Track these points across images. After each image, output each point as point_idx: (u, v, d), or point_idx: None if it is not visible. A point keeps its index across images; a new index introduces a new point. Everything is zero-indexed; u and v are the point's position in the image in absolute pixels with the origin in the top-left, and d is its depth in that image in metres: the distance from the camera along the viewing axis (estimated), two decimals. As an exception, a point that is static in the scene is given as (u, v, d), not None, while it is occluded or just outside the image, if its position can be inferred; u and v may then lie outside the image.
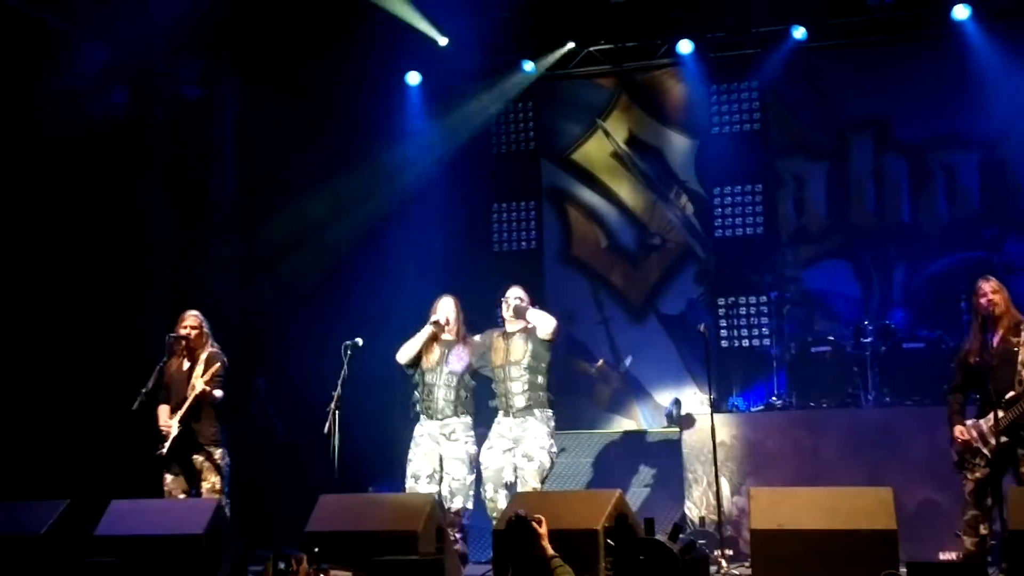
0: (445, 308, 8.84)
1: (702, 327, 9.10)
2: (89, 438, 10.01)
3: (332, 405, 8.58)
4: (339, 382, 8.70)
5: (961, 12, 11.26)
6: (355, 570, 7.25)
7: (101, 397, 9.97)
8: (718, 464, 9.26)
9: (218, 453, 8.58)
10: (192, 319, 8.79)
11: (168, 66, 11.52)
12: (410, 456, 8.68)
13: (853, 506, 7.54)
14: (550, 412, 8.51)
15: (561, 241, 13.06)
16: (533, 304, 8.63)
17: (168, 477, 8.55)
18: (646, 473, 10.65)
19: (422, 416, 8.76)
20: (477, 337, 8.80)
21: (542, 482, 8.38)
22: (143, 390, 8.61)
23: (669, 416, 11.47)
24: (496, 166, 13.22)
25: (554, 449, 8.48)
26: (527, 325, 8.54)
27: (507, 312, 8.62)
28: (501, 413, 8.59)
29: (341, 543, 7.43)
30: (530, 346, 8.49)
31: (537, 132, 13.19)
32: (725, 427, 9.83)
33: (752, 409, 10.68)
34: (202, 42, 11.45)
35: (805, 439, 9.71)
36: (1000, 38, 11.18)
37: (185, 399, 8.56)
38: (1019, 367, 7.50)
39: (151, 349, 9.14)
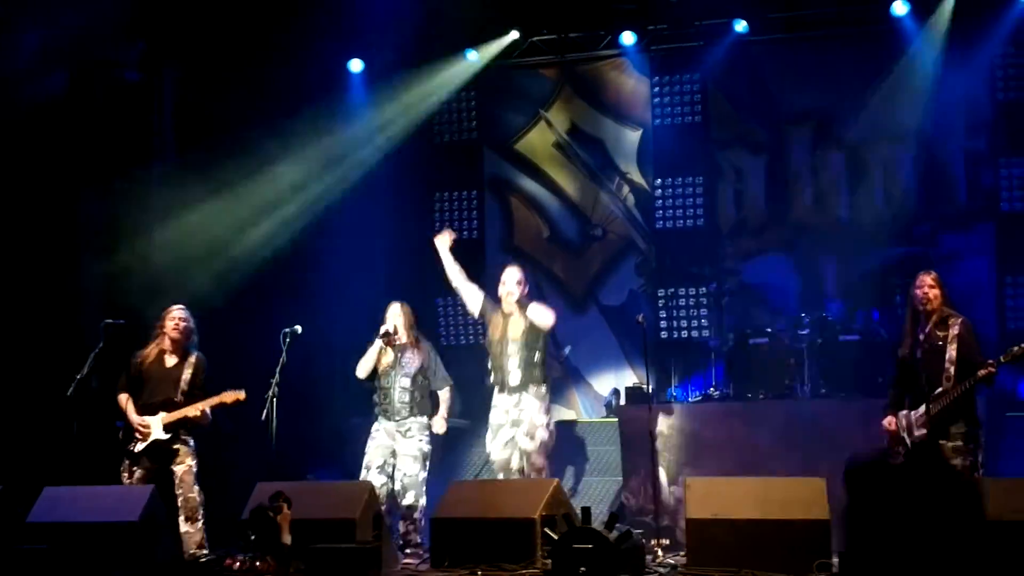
0: (392, 316, 9.16)
1: (640, 318, 9.18)
2: (22, 424, 9.90)
3: (270, 392, 8.58)
4: (277, 369, 8.70)
5: (900, 8, 11.37)
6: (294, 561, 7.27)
7: (35, 383, 9.86)
8: (656, 454, 9.33)
9: (191, 440, 8.57)
10: (180, 318, 8.70)
11: (107, 50, 11.38)
12: (366, 449, 9.00)
13: (787, 496, 7.65)
14: (544, 388, 8.80)
15: (503, 231, 13.06)
16: (525, 288, 8.90)
17: (136, 471, 8.48)
18: (583, 462, 10.68)
19: (380, 416, 9.04)
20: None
21: (548, 457, 8.71)
22: (78, 376, 8.56)
23: (608, 406, 11.53)
24: (439, 155, 13.19)
25: (551, 424, 8.80)
26: (520, 302, 8.83)
27: (506, 299, 8.85)
28: (496, 389, 8.85)
29: (276, 528, 7.43)
30: (527, 324, 8.77)
31: (480, 122, 13.17)
32: (663, 417, 9.88)
33: (690, 400, 10.76)
34: (142, 26, 11.32)
35: (742, 430, 9.79)
36: (938, 35, 11.29)
37: (169, 399, 8.51)
38: (947, 363, 7.59)
39: (86, 335, 9.08)
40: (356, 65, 12.72)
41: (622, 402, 11.09)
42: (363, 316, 11.95)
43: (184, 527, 8.45)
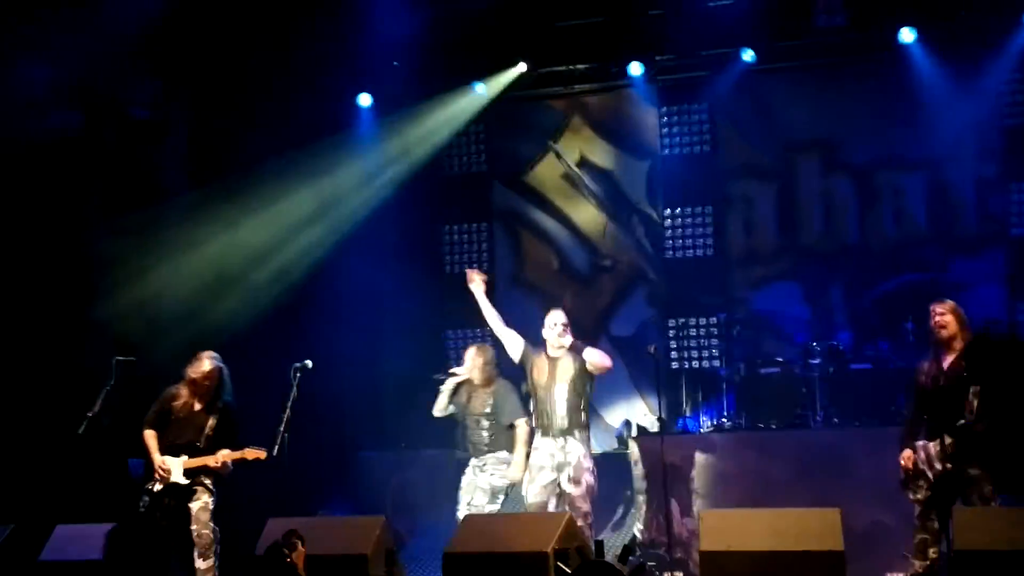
0: (467, 359, 9.27)
1: (652, 348, 9.16)
2: (33, 462, 9.89)
3: (281, 427, 8.56)
4: (288, 404, 8.68)
5: (907, 36, 11.38)
6: None
7: (45, 420, 9.86)
8: (668, 485, 9.29)
9: (208, 480, 8.55)
10: (210, 365, 8.67)
11: (118, 87, 11.44)
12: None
13: (801, 528, 7.59)
14: (588, 433, 8.71)
15: (513, 263, 13.06)
16: (567, 327, 8.75)
17: (154, 511, 8.48)
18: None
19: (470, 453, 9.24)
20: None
21: (593, 503, 8.60)
22: (89, 414, 8.56)
23: (619, 437, 11.50)
24: (448, 188, 13.21)
25: (595, 469, 8.67)
26: (574, 346, 8.70)
27: (555, 342, 8.70)
28: (540, 433, 8.71)
29: (292, 567, 7.41)
30: (576, 368, 8.64)
31: (489, 154, 13.19)
32: (675, 448, 9.84)
33: (702, 430, 10.72)
34: (153, 64, 11.38)
35: (754, 460, 9.75)
36: (945, 62, 11.30)
37: (192, 444, 8.50)
38: (970, 396, 7.50)
39: (96, 371, 9.07)
40: (365, 99, 12.76)
41: (634, 433, 11.05)
42: (374, 349, 12.01)
43: (197, 563, 8.43)
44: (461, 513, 8.79)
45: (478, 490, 8.94)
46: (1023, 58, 11.23)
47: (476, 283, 9.06)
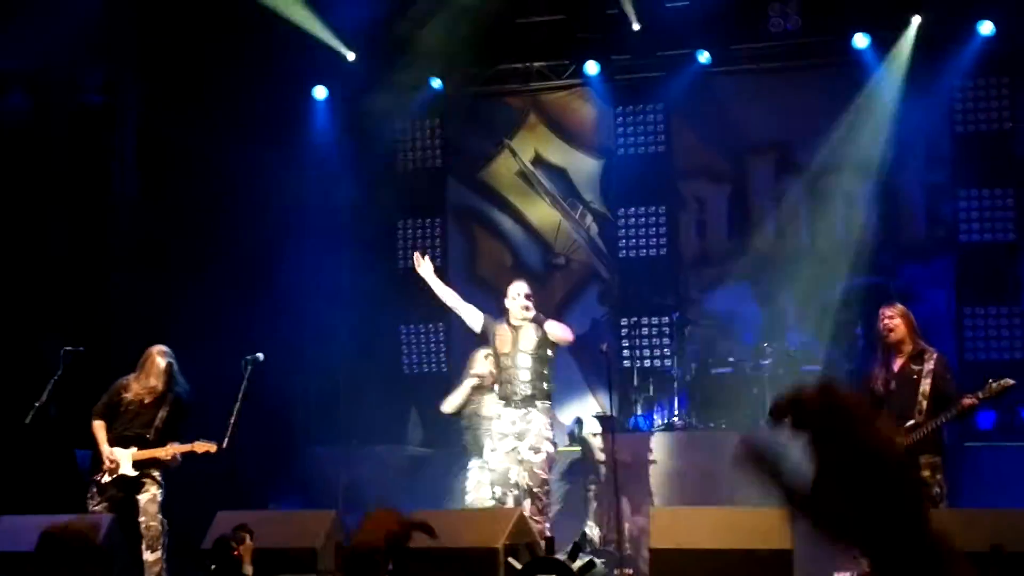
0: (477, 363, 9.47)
1: (604, 347, 9.19)
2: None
3: (231, 420, 8.52)
4: (239, 397, 8.64)
5: (861, 41, 11.49)
6: None
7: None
8: (619, 483, 9.32)
9: (157, 472, 8.48)
10: (163, 363, 8.58)
11: (70, 74, 11.33)
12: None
13: (750, 526, 7.64)
14: (550, 403, 8.79)
15: (466, 259, 13.05)
16: (531, 299, 8.86)
17: (101, 499, 8.38)
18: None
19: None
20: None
21: (550, 471, 8.71)
22: (36, 404, 8.47)
23: (571, 435, 11.51)
24: (403, 183, 13.16)
25: (556, 440, 8.80)
26: (536, 318, 8.79)
27: (519, 312, 8.78)
28: (502, 403, 8.77)
29: (237, 561, 7.37)
30: (539, 336, 8.74)
31: (444, 149, 13.16)
32: (627, 446, 9.88)
33: (653, 429, 10.77)
34: (105, 50, 11.28)
35: (705, 459, 9.80)
36: (898, 68, 11.41)
37: (141, 436, 8.41)
38: (919, 397, 7.61)
39: (48, 360, 8.97)
40: (320, 92, 12.71)
41: (585, 431, 11.07)
42: (326, 343, 11.95)
43: (145, 555, 8.37)
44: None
45: (484, 486, 8.95)
46: (974, 66, 11.35)
47: (424, 266, 9.08)
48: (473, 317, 9.01)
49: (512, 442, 8.66)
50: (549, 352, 8.78)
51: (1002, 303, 11.19)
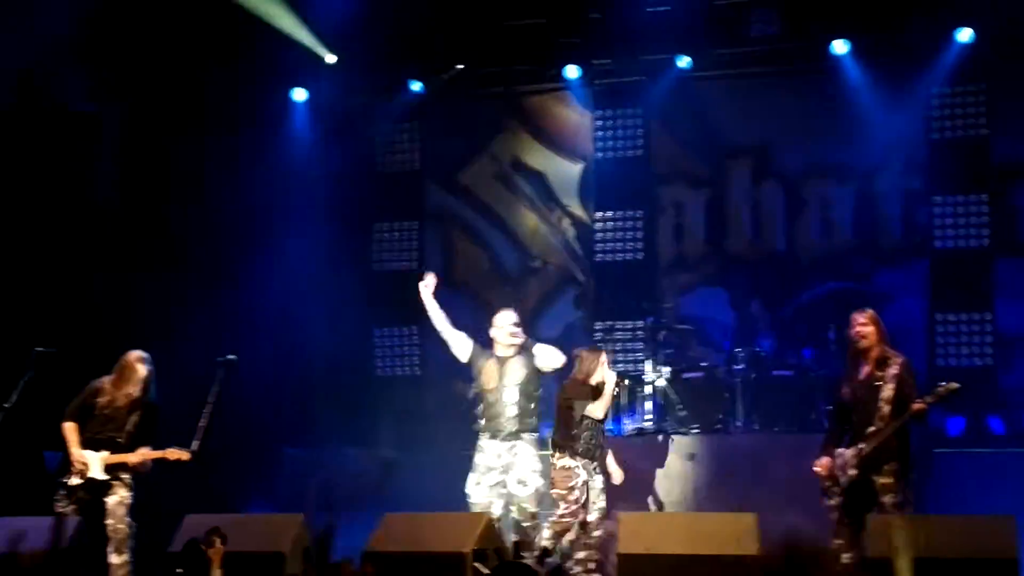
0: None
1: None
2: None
3: (203, 422, 8.48)
4: (211, 399, 8.60)
5: (840, 47, 11.50)
6: None
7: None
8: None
9: (126, 475, 8.45)
10: (143, 371, 8.54)
11: (52, 77, 11.31)
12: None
13: (718, 531, 7.66)
14: (537, 435, 8.69)
15: (443, 262, 13.00)
16: (519, 327, 8.75)
17: (69, 505, 8.36)
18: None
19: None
20: None
21: (539, 505, 8.56)
22: (6, 404, 8.43)
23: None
24: (380, 185, 13.13)
25: (543, 472, 8.58)
26: (522, 347, 8.67)
27: (506, 340, 8.66)
28: (486, 436, 8.65)
29: (206, 564, 7.36)
30: (527, 371, 8.63)
31: (422, 152, 13.14)
32: (598, 451, 9.84)
33: (625, 433, 10.75)
34: (89, 54, 11.25)
35: (675, 464, 9.81)
36: (877, 74, 11.43)
37: (113, 440, 8.37)
38: (881, 402, 7.63)
39: (20, 363, 8.93)
40: (300, 94, 12.69)
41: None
42: (300, 345, 11.95)
43: (112, 558, 8.33)
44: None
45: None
46: (952, 73, 11.37)
47: (425, 283, 8.95)
48: (461, 346, 8.89)
49: (497, 476, 8.59)
50: (537, 388, 8.70)
51: (974, 309, 11.21)
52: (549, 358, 8.72)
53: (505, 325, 8.70)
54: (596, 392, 8.38)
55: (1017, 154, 11.44)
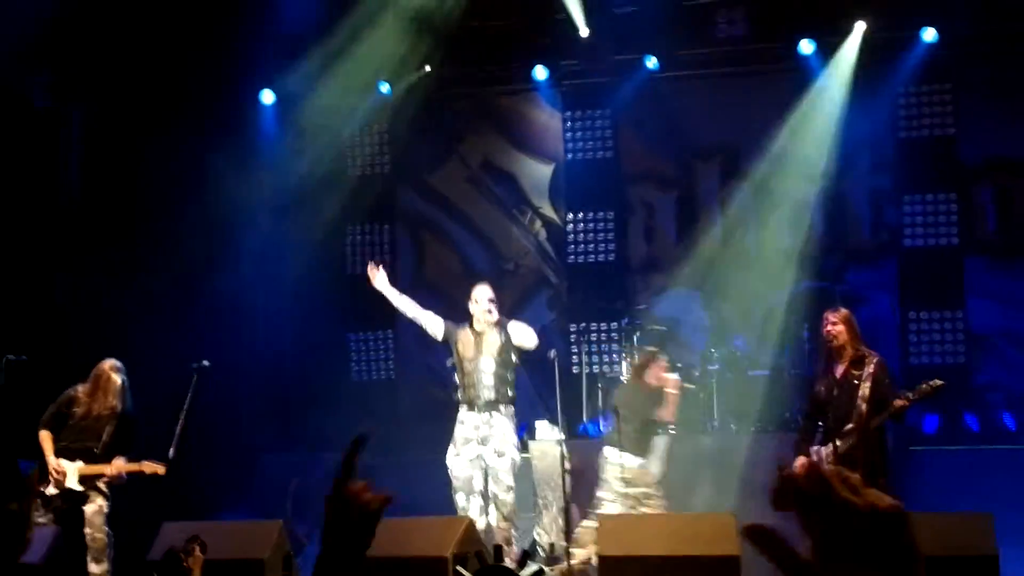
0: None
1: (552, 354, 9.17)
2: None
3: (178, 428, 8.44)
4: (186, 404, 8.56)
5: (806, 47, 11.57)
6: None
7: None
8: (568, 490, 9.31)
9: (102, 484, 8.38)
10: (118, 380, 8.46)
11: (15, 75, 11.19)
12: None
13: (697, 532, 7.70)
14: (513, 409, 8.77)
15: (415, 265, 13.01)
16: (494, 303, 8.77)
17: (45, 515, 8.26)
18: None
19: None
20: None
21: (515, 476, 8.66)
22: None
23: (520, 442, 11.48)
24: (351, 188, 13.07)
25: (519, 445, 8.81)
26: (497, 323, 8.71)
27: (483, 316, 8.72)
28: (464, 408, 8.72)
29: (186, 573, 7.32)
30: (503, 340, 8.70)
31: (393, 155, 13.10)
32: (575, 453, 9.86)
33: (602, 435, 10.75)
34: (52, 52, 11.15)
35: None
36: (843, 74, 11.49)
37: (89, 450, 8.29)
38: (858, 401, 7.68)
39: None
40: (268, 97, 12.62)
41: (535, 438, 11.05)
42: (275, 350, 11.89)
43: (91, 567, 8.27)
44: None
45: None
46: (918, 72, 11.46)
47: (378, 277, 8.98)
48: (434, 324, 8.94)
49: (476, 448, 8.63)
50: (513, 357, 8.76)
51: (945, 307, 11.31)
52: (523, 335, 8.81)
53: (482, 299, 8.76)
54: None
55: (984, 153, 11.55)
